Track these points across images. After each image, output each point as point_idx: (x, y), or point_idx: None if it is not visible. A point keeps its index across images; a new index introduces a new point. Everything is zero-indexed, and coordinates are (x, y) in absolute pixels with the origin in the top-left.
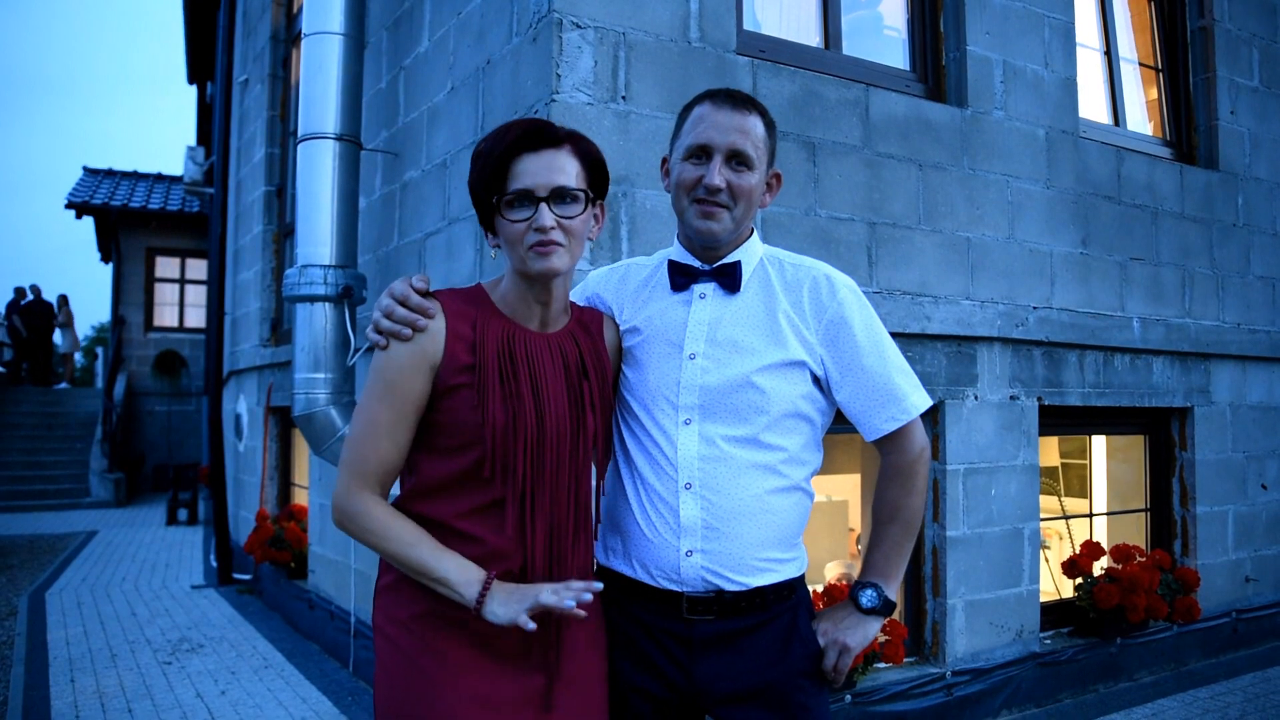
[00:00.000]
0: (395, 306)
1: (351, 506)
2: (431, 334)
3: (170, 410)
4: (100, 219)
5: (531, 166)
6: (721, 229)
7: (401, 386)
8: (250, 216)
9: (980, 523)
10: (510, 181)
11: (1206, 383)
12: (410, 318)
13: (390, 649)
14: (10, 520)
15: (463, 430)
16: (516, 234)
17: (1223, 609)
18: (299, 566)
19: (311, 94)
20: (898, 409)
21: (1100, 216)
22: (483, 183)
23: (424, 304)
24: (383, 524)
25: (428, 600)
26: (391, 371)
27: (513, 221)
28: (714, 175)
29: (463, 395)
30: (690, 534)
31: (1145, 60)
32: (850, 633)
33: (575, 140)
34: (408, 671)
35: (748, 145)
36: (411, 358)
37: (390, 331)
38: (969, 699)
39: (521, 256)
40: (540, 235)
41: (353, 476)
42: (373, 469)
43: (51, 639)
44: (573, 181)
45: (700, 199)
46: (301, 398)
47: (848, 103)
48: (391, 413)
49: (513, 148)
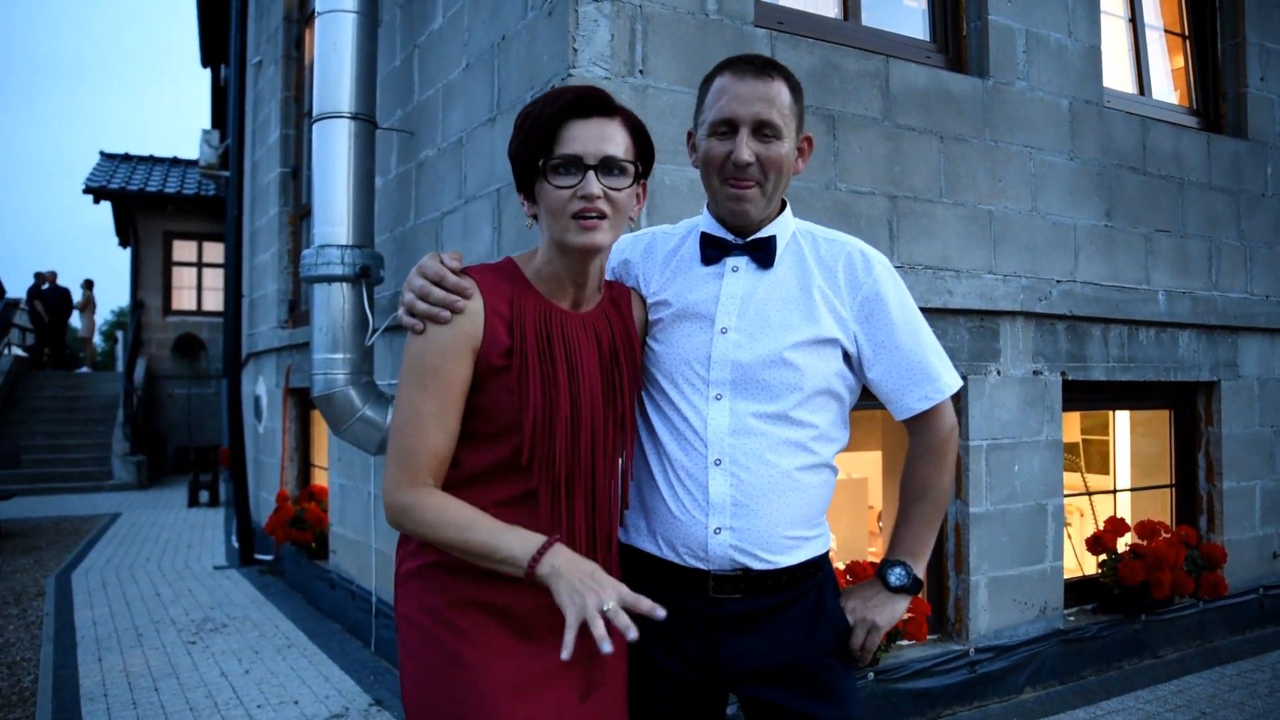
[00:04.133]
0: (431, 288)
1: (402, 501)
2: (470, 315)
3: (190, 393)
4: (118, 203)
5: (581, 133)
6: (754, 209)
7: (445, 372)
8: (266, 199)
9: (1003, 499)
10: (558, 146)
11: (1234, 356)
12: (448, 299)
13: (421, 638)
14: (36, 503)
15: (501, 415)
16: (560, 201)
17: (1250, 585)
18: (320, 547)
19: (326, 73)
20: (931, 388)
21: (1125, 188)
22: (527, 146)
23: (461, 284)
24: (436, 512)
25: (463, 586)
26: (433, 357)
27: (558, 187)
28: (742, 150)
29: (503, 377)
30: (719, 511)
31: (1171, 27)
32: (879, 611)
33: (627, 114)
34: (442, 661)
35: (774, 114)
36: (453, 341)
37: (426, 314)
38: (992, 676)
39: (563, 227)
40: (585, 204)
41: (401, 470)
42: (423, 461)
43: (78, 619)
44: (622, 152)
45: (730, 177)
46: (320, 378)
47: (867, 74)
48: (437, 401)
49: (564, 111)
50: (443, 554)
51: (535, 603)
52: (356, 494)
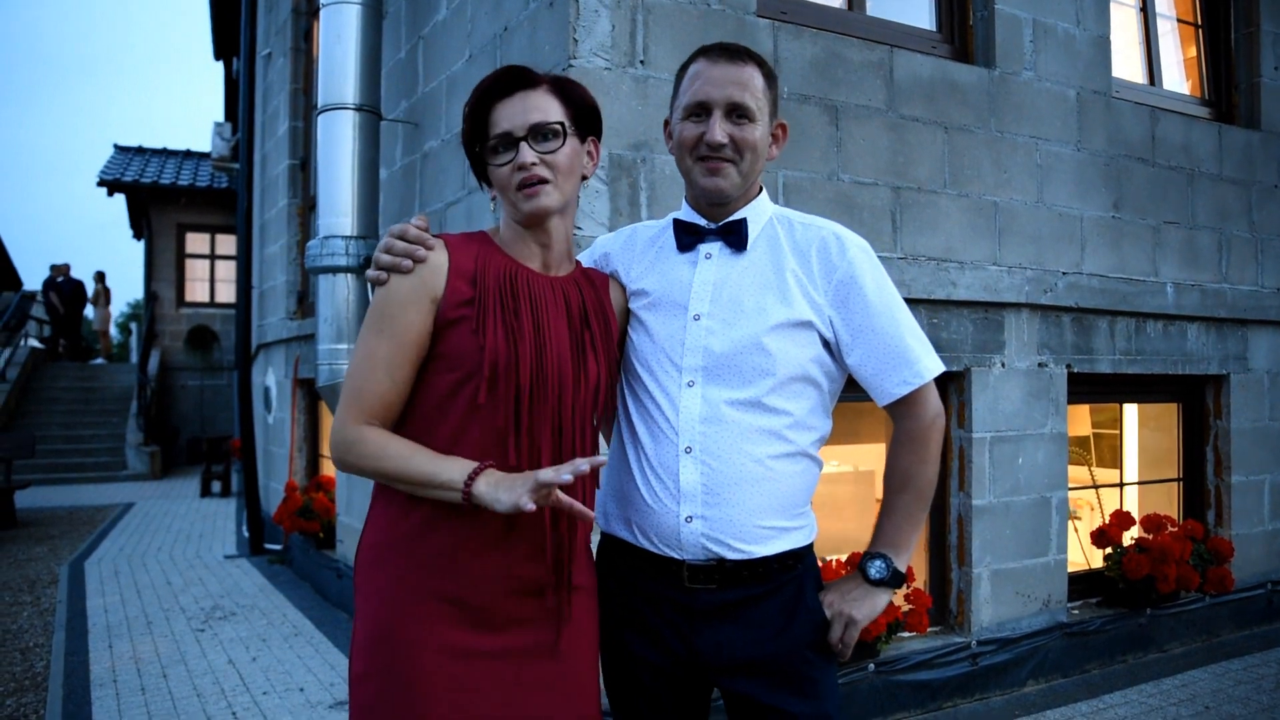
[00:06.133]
0: (394, 241)
1: (346, 437)
2: (433, 267)
3: (203, 384)
4: (132, 196)
5: (507, 110)
6: (729, 185)
7: (400, 320)
8: (275, 190)
9: (1007, 491)
10: (491, 129)
11: (1244, 349)
12: (409, 249)
13: (371, 613)
14: (51, 492)
15: (464, 360)
16: (504, 178)
17: (1257, 580)
18: (327, 536)
19: (330, 64)
20: (910, 372)
21: (1133, 179)
22: (468, 137)
23: (422, 235)
24: (378, 445)
25: (419, 575)
26: (391, 305)
27: (498, 166)
28: (715, 131)
29: (464, 325)
30: (690, 499)
31: (1184, 16)
32: (857, 605)
33: (555, 81)
34: (382, 632)
35: (747, 97)
36: (412, 290)
37: (390, 265)
38: (994, 669)
39: (512, 200)
40: (524, 174)
41: (348, 409)
42: (369, 403)
43: (90, 606)
44: (552, 117)
45: (704, 156)
46: (325, 368)
47: (871, 65)
48: (389, 346)
49: (486, 96)
50: (402, 539)
51: (492, 593)
52: (363, 484)
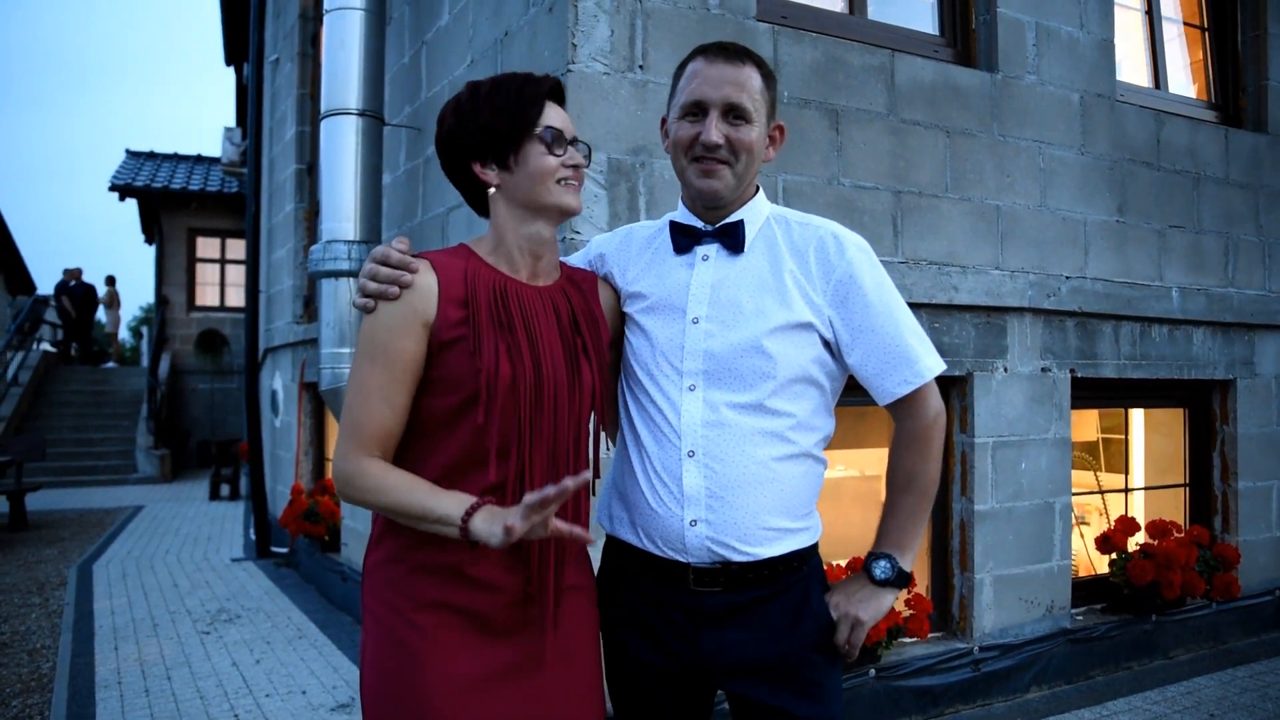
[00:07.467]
0: (378, 268)
1: (346, 470)
2: (421, 291)
3: (213, 388)
4: (143, 201)
5: (559, 114)
6: (724, 186)
7: (393, 347)
8: (283, 195)
9: (1009, 497)
10: (543, 120)
11: (1250, 354)
12: (394, 275)
13: (381, 632)
14: (61, 495)
15: (461, 383)
16: (550, 167)
17: (1264, 586)
18: (332, 540)
19: (334, 70)
20: (910, 371)
21: (1138, 183)
22: (513, 117)
23: (406, 260)
24: (378, 479)
25: (426, 586)
26: (382, 333)
27: (552, 154)
28: (710, 132)
29: (460, 347)
30: (694, 503)
31: (1190, 19)
32: (863, 606)
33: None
34: (400, 657)
35: (744, 98)
36: (402, 317)
37: (376, 293)
38: (997, 675)
39: (548, 189)
40: (573, 172)
41: (348, 442)
42: (368, 433)
43: (98, 608)
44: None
45: (699, 157)
46: (328, 372)
47: (872, 69)
48: (384, 375)
49: (546, 94)
50: (408, 551)
51: (499, 602)
52: None
